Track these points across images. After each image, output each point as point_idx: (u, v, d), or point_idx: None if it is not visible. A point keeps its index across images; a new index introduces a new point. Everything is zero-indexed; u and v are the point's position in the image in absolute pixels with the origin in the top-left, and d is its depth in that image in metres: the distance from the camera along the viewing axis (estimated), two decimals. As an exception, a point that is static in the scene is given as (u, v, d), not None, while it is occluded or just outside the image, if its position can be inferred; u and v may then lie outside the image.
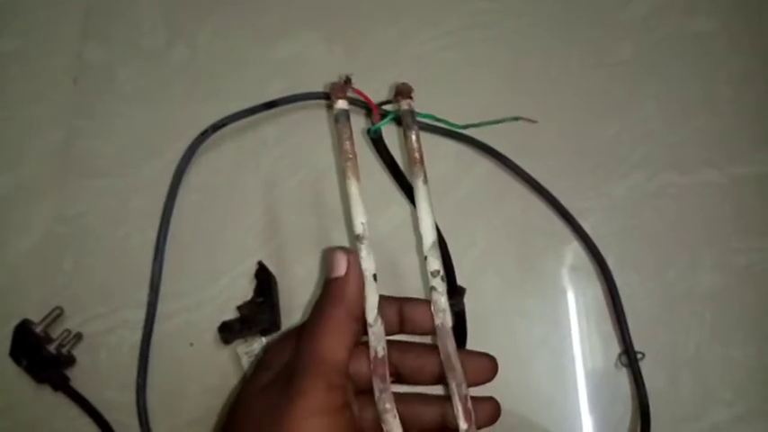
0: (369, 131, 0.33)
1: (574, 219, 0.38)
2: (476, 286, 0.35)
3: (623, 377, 0.36)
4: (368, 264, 0.31)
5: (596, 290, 0.37)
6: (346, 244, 0.37)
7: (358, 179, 0.31)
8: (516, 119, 0.36)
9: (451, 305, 0.32)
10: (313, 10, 0.41)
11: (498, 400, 0.33)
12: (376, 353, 0.31)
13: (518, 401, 0.35)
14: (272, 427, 0.27)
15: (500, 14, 0.41)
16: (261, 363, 0.32)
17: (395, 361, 0.32)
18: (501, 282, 0.38)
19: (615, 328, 0.37)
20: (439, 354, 0.32)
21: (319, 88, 0.38)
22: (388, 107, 0.36)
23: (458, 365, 0.31)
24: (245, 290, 0.37)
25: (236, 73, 0.40)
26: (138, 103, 0.40)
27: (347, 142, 0.32)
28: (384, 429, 0.30)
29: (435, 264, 0.32)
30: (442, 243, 0.34)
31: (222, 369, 0.36)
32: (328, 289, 0.31)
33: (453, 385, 0.31)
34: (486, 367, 0.33)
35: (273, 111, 0.38)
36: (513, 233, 0.38)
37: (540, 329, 0.37)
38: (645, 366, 0.36)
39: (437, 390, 0.34)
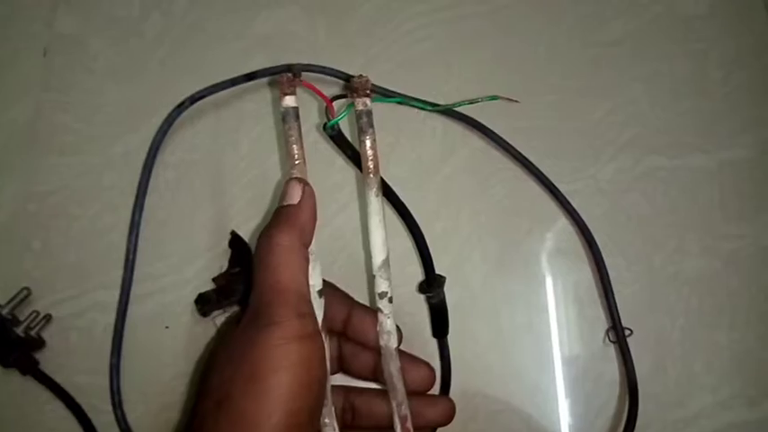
0: (325, 127, 0.29)
1: (561, 194, 0.37)
2: (462, 269, 0.34)
3: (609, 361, 0.36)
4: (315, 279, 0.29)
5: (582, 273, 0.37)
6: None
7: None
8: (494, 98, 0.33)
9: (429, 297, 0.31)
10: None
11: (482, 384, 0.32)
12: None
13: (502, 387, 0.35)
14: (249, 355, 0.26)
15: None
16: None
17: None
18: (486, 264, 0.37)
19: (603, 306, 0.36)
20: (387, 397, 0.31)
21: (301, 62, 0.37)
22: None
23: (400, 385, 0.31)
24: (222, 270, 0.35)
25: (213, 47, 0.39)
26: (110, 77, 0.38)
27: (294, 146, 0.28)
28: None
29: (383, 285, 0.30)
30: (418, 233, 0.32)
31: (198, 353, 0.35)
32: (280, 216, 0.29)
33: (394, 404, 0.30)
34: (425, 377, 0.32)
35: (252, 84, 0.37)
36: (500, 213, 0.37)
37: (525, 313, 0.37)
38: (630, 350, 0.35)
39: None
